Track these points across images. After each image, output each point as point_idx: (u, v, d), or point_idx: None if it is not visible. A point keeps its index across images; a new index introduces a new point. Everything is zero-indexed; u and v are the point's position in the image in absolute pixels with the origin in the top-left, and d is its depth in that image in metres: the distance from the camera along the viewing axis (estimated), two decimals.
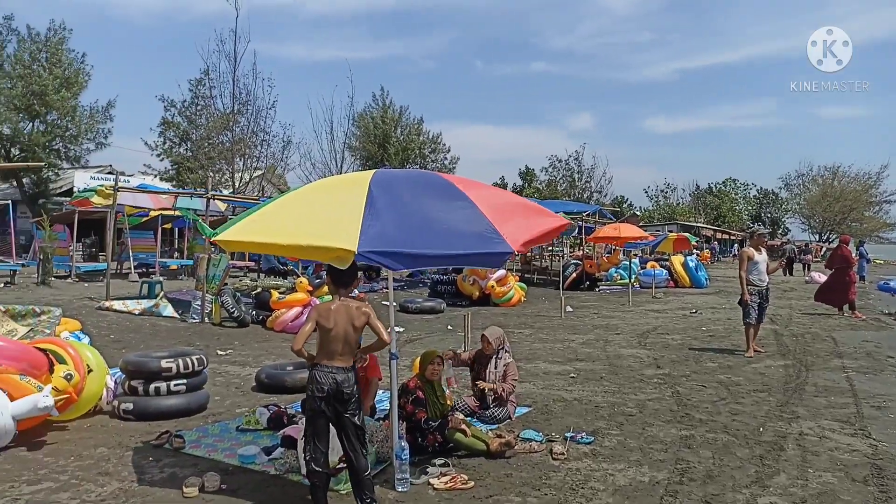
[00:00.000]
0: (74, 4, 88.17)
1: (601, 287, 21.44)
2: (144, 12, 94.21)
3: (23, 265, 18.80)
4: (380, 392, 6.10)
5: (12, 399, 5.03)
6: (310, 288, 12.32)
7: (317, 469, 3.90)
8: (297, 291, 12.02)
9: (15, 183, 27.35)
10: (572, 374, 8.01)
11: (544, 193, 48.32)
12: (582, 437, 5.30)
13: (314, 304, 11.75)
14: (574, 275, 21.62)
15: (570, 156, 48.86)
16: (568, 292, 17.81)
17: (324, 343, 3.99)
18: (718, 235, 53.06)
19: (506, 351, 6.09)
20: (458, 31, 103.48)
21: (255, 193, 25.82)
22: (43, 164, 25.05)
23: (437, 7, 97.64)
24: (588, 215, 24.06)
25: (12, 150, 26.32)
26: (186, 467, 4.63)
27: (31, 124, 26.40)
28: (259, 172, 29.74)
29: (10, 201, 21.65)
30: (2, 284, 16.27)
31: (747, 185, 69.90)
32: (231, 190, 25.87)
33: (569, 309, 14.91)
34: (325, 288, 13.17)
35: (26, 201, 26.41)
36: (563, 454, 4.88)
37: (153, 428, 5.52)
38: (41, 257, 17.50)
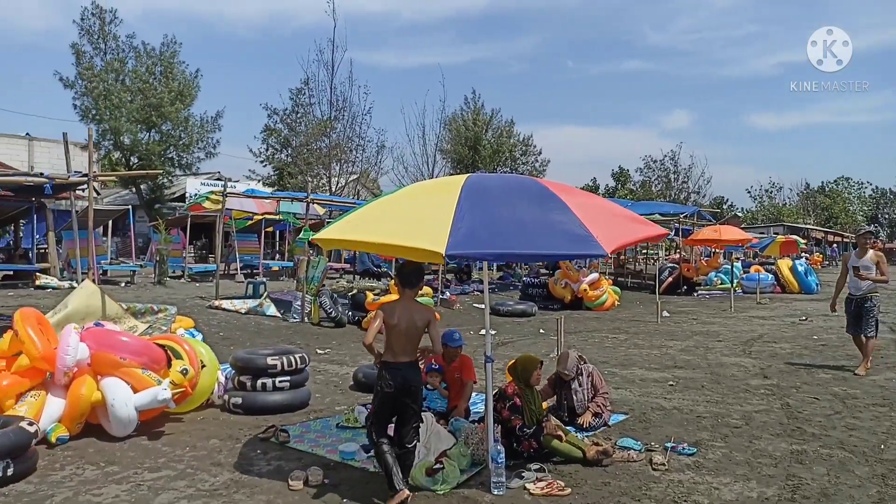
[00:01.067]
0: (187, 21, 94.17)
1: (700, 292, 20.59)
2: (248, 27, 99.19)
3: (141, 266, 20.26)
4: (473, 395, 6.14)
5: (135, 391, 5.43)
6: None
7: (387, 453, 4.14)
8: (390, 293, 12.29)
9: (133, 189, 29.54)
10: (671, 382, 7.75)
11: (638, 195, 47.01)
12: (684, 448, 5.11)
13: None
14: (670, 279, 20.90)
15: (666, 155, 47.31)
16: (664, 297, 17.22)
17: (389, 340, 4.27)
18: (829, 238, 49.71)
19: (584, 363, 5.97)
20: (549, 32, 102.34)
21: (351, 197, 26.64)
22: (160, 172, 26.97)
23: (526, 8, 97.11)
24: (685, 217, 23.19)
25: (132, 158, 28.46)
26: (291, 461, 4.84)
27: (147, 134, 28.46)
28: (354, 176, 30.68)
29: (130, 206, 23.41)
30: (123, 284, 17.60)
31: (862, 183, 65.11)
32: (328, 194, 26.82)
33: (665, 314, 14.43)
34: (424, 289, 13.44)
35: (143, 206, 28.46)
36: (663, 465, 4.73)
37: (260, 422, 5.81)
38: (157, 259, 18.81)
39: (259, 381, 6.20)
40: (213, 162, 33.08)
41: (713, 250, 23.82)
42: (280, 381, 6.25)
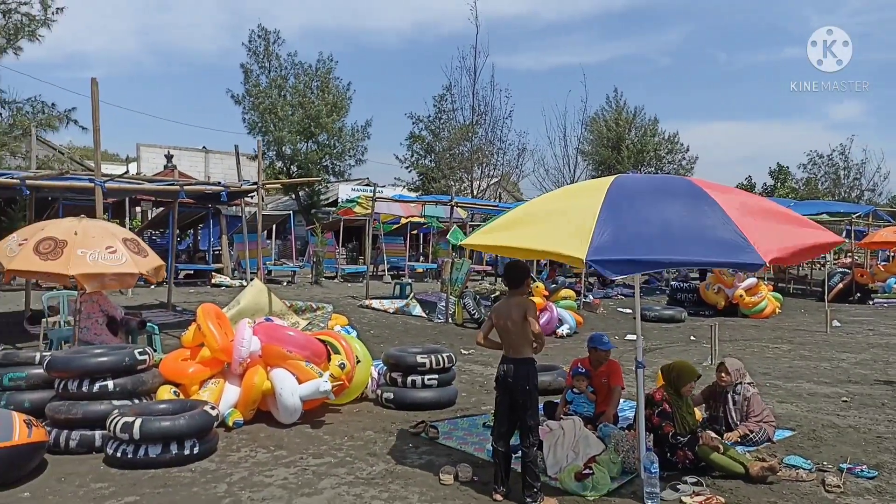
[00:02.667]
0: (339, 35, 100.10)
1: (876, 300, 18.51)
2: (396, 36, 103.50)
3: (300, 267, 21.79)
4: (622, 401, 5.98)
5: (300, 382, 5.87)
6: (546, 292, 12.49)
7: (497, 447, 4.29)
8: (533, 295, 12.27)
9: (293, 196, 31.83)
10: (844, 398, 7.06)
11: (801, 194, 43.15)
12: (862, 471, 4.65)
13: (550, 308, 11.90)
14: (841, 285, 18.99)
15: (834, 150, 43.00)
16: (834, 304, 15.71)
17: (500, 338, 4.41)
18: None
19: (746, 384, 5.55)
20: (695, 23, 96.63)
21: (492, 200, 26.91)
22: (319, 178, 28.93)
23: (670, 1, 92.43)
24: (858, 217, 20.97)
25: (292, 167, 30.68)
26: (441, 456, 5.00)
27: (306, 144, 30.54)
28: (495, 180, 30.95)
29: (290, 212, 25.28)
30: (285, 283, 19.05)
31: None
32: (470, 197, 27.28)
33: (836, 323, 13.15)
34: (562, 292, 13.29)
35: (301, 211, 30.58)
36: (838, 487, 4.33)
37: (410, 417, 6.05)
38: (314, 260, 20.16)
39: (409, 378, 6.46)
40: (363, 168, 34.92)
41: (891, 254, 21.32)
42: (429, 379, 6.47)
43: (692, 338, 11.53)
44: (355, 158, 32.35)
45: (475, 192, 29.29)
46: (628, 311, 15.15)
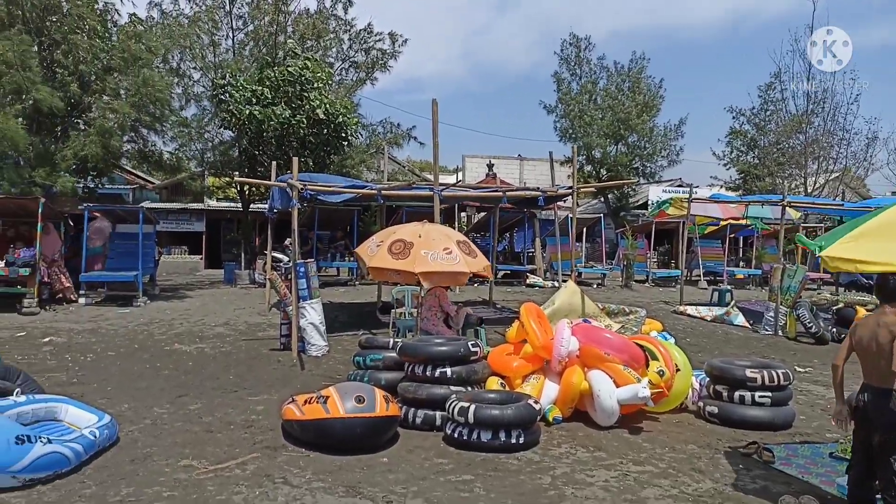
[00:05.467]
0: (650, 33, 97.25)
1: None
2: (710, 29, 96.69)
3: (609, 270, 21.70)
4: None
5: (617, 386, 5.83)
6: None
7: (853, 492, 3.71)
8: None
9: (602, 199, 31.89)
10: None
11: None
12: None
13: None
14: None
15: None
16: None
17: (859, 359, 3.79)
18: None
19: None
20: None
21: (832, 198, 23.40)
22: (635, 181, 28.60)
23: None
24: None
25: (601, 171, 30.77)
26: (778, 483, 4.50)
27: (616, 147, 30.35)
28: (835, 175, 26.89)
29: (600, 215, 25.36)
30: (595, 286, 19.17)
31: None
32: (802, 195, 24.15)
33: None
34: None
35: (610, 214, 30.42)
36: None
37: (738, 435, 5.58)
38: (624, 263, 19.91)
39: (736, 393, 5.95)
40: (674, 169, 33.29)
41: None
42: (760, 396, 5.88)
43: None
44: (668, 159, 31.11)
45: (810, 190, 25.82)
46: None
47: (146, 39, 16.10)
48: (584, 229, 24.20)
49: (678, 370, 6.28)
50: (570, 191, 11.26)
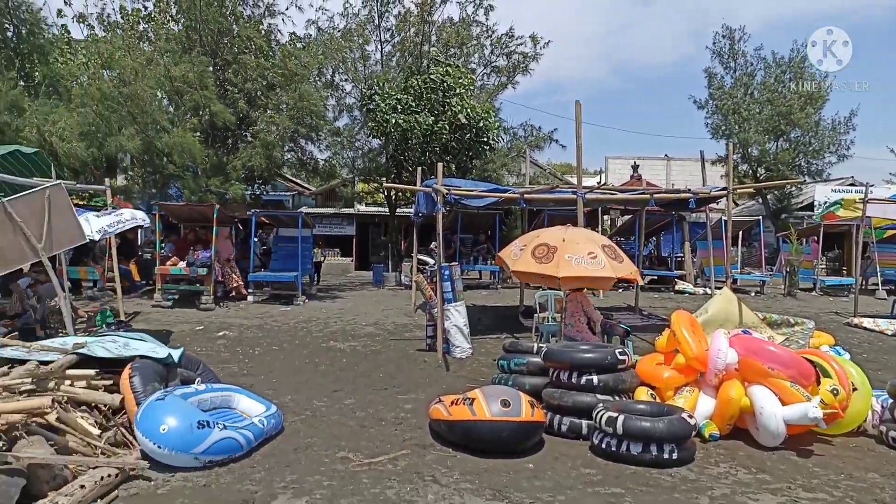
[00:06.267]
0: (820, 19, 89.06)
1: None
2: (883, 11, 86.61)
3: (769, 276, 20.10)
4: None
5: (783, 404, 5.38)
6: None
7: None
8: None
9: (760, 200, 29.64)
10: None
11: None
12: None
13: None
14: None
15: None
16: None
17: None
18: None
19: None
20: None
21: None
22: (802, 181, 26.37)
23: None
24: None
25: (759, 169, 28.63)
26: None
27: (775, 144, 28.10)
28: None
29: (758, 217, 23.57)
30: (752, 293, 17.85)
31: None
32: None
33: None
34: None
35: (769, 216, 28.18)
36: None
37: None
38: (787, 269, 18.34)
39: None
40: (844, 166, 30.20)
41: None
42: None
43: None
44: (837, 155, 28.29)
45: None
46: None
47: (302, 57, 17.30)
48: (740, 232, 22.62)
49: (855, 389, 5.68)
50: (725, 192, 10.59)
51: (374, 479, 4.53)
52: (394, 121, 18.21)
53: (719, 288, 10.28)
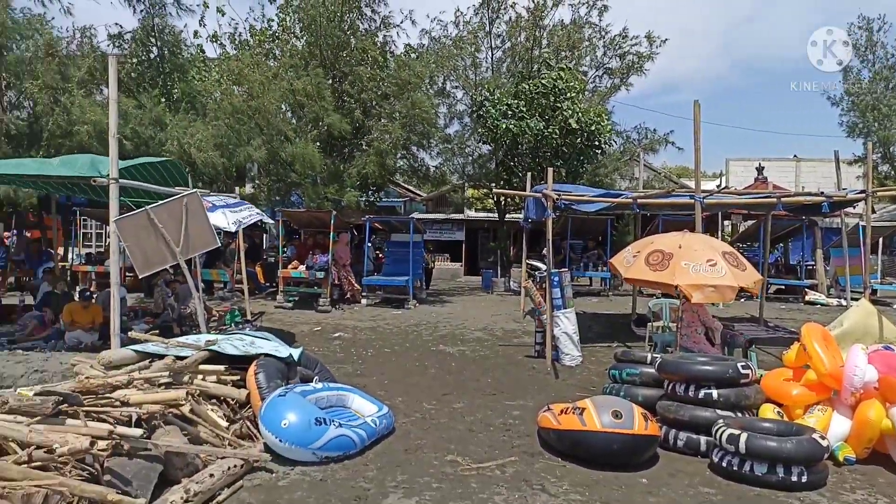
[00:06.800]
0: None
1: None
2: None
3: None
4: None
5: None
6: None
7: None
8: None
9: None
10: None
11: None
12: None
13: None
14: None
15: None
16: None
17: None
18: None
19: None
20: None
21: None
22: None
23: None
24: None
25: None
26: None
27: None
28: None
29: None
30: (894, 306, 16.27)
31: None
32: None
33: None
34: None
35: None
36: None
37: None
38: None
39: None
40: None
41: None
42: None
43: None
44: None
45: None
46: None
47: (415, 66, 17.74)
48: (880, 239, 20.70)
49: None
50: (863, 195, 9.75)
51: (482, 484, 4.55)
52: (504, 126, 18.24)
53: (856, 299, 9.46)
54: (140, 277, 9.20)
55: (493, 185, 20.60)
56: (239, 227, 10.27)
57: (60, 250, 15.75)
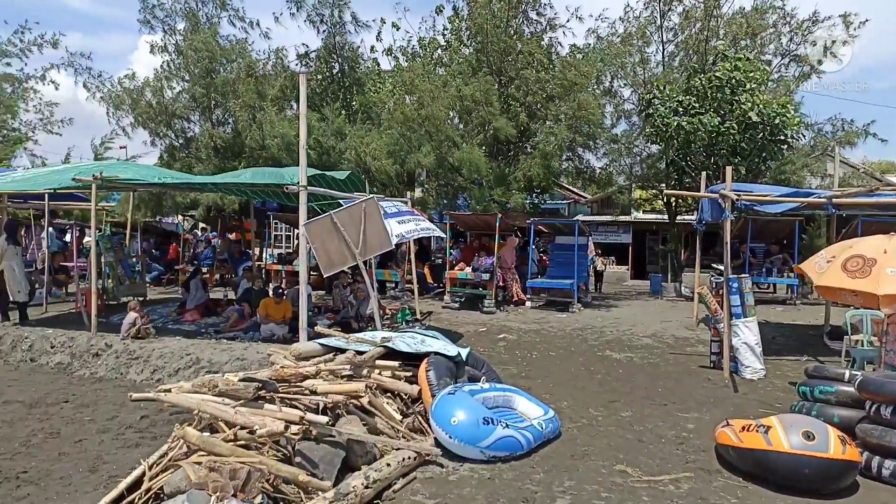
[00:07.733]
0: None
1: None
2: None
3: None
4: None
5: None
6: None
7: None
8: None
9: None
10: None
11: None
12: None
13: None
14: None
15: None
16: None
17: None
18: None
19: None
20: None
21: None
22: None
23: None
24: None
25: None
26: None
27: None
28: None
29: None
30: None
31: None
32: None
33: None
34: None
35: None
36: None
37: None
38: None
39: None
40: None
41: None
42: None
43: None
44: None
45: None
46: None
47: (581, 66, 17.46)
48: None
49: None
50: None
51: (654, 498, 4.39)
52: (675, 124, 17.32)
53: None
54: (324, 277, 9.96)
55: (663, 185, 19.67)
56: (401, 241, 10.66)
57: (256, 251, 17.53)
